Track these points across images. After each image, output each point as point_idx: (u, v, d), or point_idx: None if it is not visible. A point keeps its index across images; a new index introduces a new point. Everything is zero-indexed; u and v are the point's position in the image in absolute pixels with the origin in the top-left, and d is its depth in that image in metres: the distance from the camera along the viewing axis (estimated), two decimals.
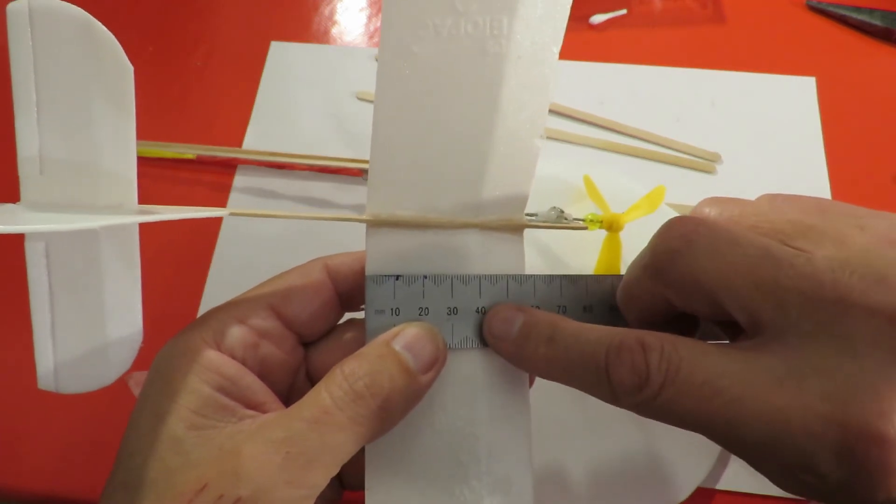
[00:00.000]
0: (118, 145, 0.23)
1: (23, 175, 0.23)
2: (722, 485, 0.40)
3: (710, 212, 0.25)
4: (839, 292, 0.19)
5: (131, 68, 0.22)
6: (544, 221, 0.29)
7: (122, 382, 0.43)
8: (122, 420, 0.41)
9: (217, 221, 0.50)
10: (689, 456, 0.40)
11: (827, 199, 0.23)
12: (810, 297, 0.20)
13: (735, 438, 0.20)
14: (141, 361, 0.26)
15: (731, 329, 0.23)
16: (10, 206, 0.22)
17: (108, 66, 0.22)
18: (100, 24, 0.22)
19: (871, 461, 0.18)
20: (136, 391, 0.43)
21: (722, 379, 0.20)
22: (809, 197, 0.23)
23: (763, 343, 0.20)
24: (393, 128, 0.25)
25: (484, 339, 0.26)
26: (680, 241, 0.22)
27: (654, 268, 0.23)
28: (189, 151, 0.51)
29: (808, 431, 0.19)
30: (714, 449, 0.40)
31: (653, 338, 0.22)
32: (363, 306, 0.27)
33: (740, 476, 0.41)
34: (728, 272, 0.21)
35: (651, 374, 0.21)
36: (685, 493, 0.39)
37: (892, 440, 0.18)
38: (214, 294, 0.47)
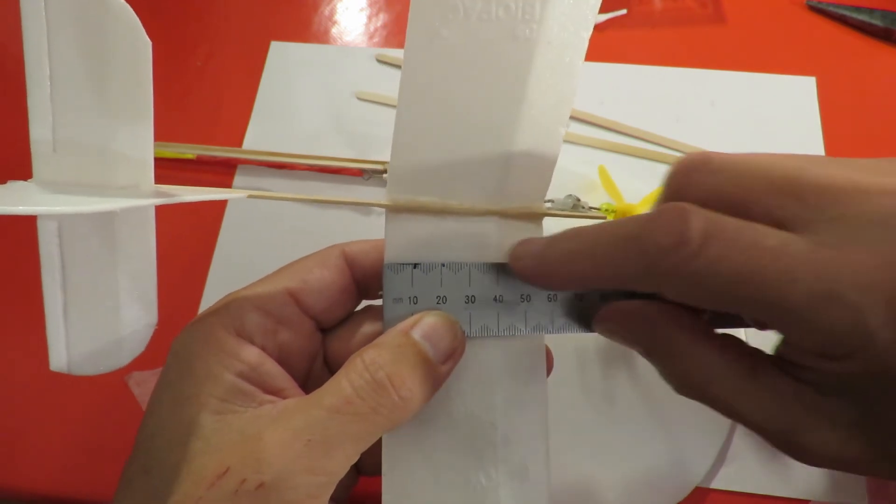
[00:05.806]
0: (134, 123, 0.22)
1: (35, 152, 0.22)
2: (717, 484, 0.40)
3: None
4: (856, 182, 0.20)
5: (149, 43, 0.21)
6: (561, 209, 0.29)
7: (122, 383, 0.43)
8: (122, 420, 0.41)
9: (220, 215, 0.50)
10: (688, 456, 0.39)
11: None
12: (828, 187, 0.20)
13: (785, 297, 0.19)
14: (143, 359, 0.26)
15: None
16: (22, 183, 0.22)
17: (125, 42, 0.21)
18: None
19: None
20: (136, 391, 0.42)
21: (770, 239, 0.20)
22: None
23: (798, 231, 0.20)
24: (417, 112, 0.25)
25: (502, 329, 0.26)
26: (693, 163, 0.22)
27: (672, 190, 0.23)
28: (189, 151, 0.51)
29: (859, 284, 0.19)
30: (712, 448, 0.40)
31: (693, 207, 0.21)
32: (381, 292, 0.26)
33: (737, 476, 0.40)
34: (745, 180, 0.21)
35: (691, 231, 0.20)
36: (684, 492, 0.39)
37: None
38: (216, 287, 0.47)
